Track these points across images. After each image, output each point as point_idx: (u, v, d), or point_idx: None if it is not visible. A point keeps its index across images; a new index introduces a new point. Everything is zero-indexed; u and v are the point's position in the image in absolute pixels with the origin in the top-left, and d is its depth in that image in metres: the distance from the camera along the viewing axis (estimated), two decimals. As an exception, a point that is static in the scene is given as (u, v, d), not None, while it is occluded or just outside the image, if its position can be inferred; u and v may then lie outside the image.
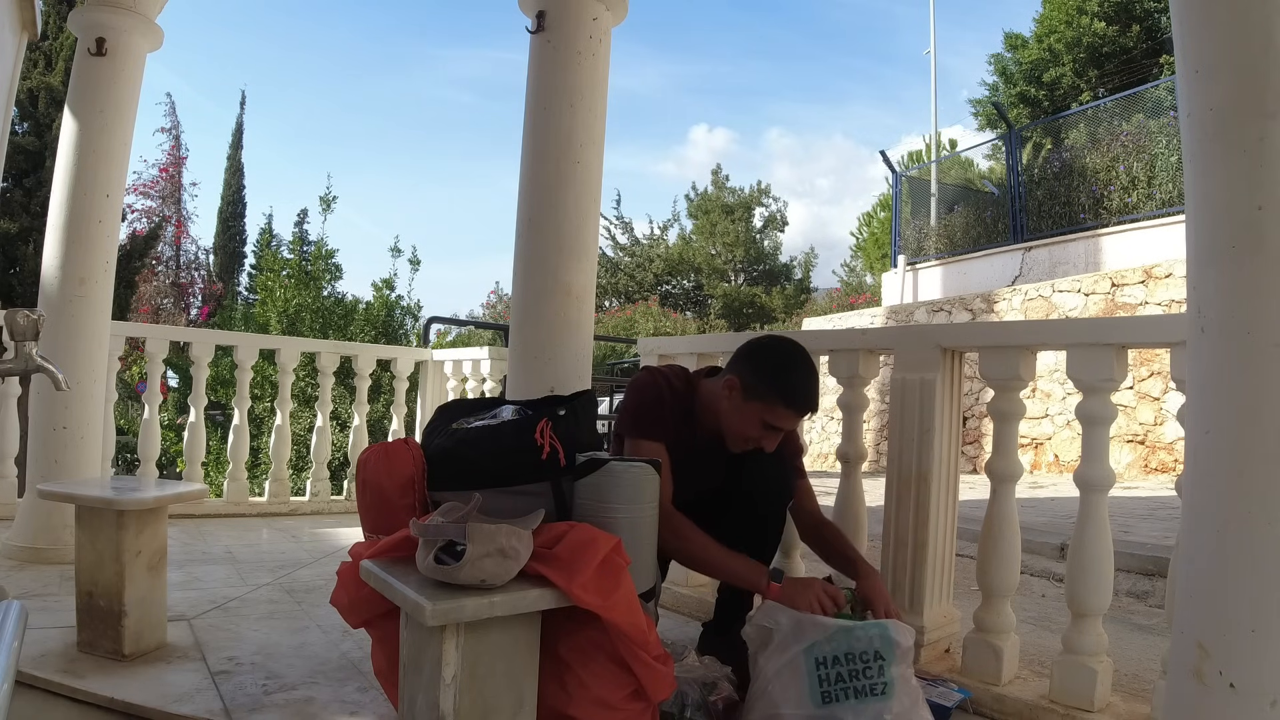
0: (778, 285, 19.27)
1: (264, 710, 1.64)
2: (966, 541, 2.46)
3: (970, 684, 1.81)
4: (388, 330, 9.16)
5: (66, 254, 2.85)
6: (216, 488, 4.68)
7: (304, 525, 3.86)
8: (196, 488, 2.14)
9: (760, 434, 1.79)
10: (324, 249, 9.59)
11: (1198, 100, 1.07)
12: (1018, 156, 9.61)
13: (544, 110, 2.40)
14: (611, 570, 1.36)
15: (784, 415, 1.78)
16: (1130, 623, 2.69)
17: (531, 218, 2.39)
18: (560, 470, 1.56)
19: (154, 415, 3.82)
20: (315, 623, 2.24)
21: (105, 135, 2.90)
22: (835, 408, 2.33)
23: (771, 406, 1.76)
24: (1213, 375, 1.06)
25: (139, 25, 2.96)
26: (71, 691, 1.68)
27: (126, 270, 10.71)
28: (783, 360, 1.80)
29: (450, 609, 1.21)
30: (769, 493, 1.88)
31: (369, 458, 1.61)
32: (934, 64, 13.75)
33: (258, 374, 5.38)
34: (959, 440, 2.08)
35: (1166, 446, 6.10)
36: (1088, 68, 13.36)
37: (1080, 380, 1.75)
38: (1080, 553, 1.72)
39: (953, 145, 15.83)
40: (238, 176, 20.25)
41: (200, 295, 18.30)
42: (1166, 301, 6.22)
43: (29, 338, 1.48)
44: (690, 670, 1.63)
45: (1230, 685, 1.01)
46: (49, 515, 2.74)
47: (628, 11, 2.56)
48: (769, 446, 1.81)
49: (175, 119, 18.81)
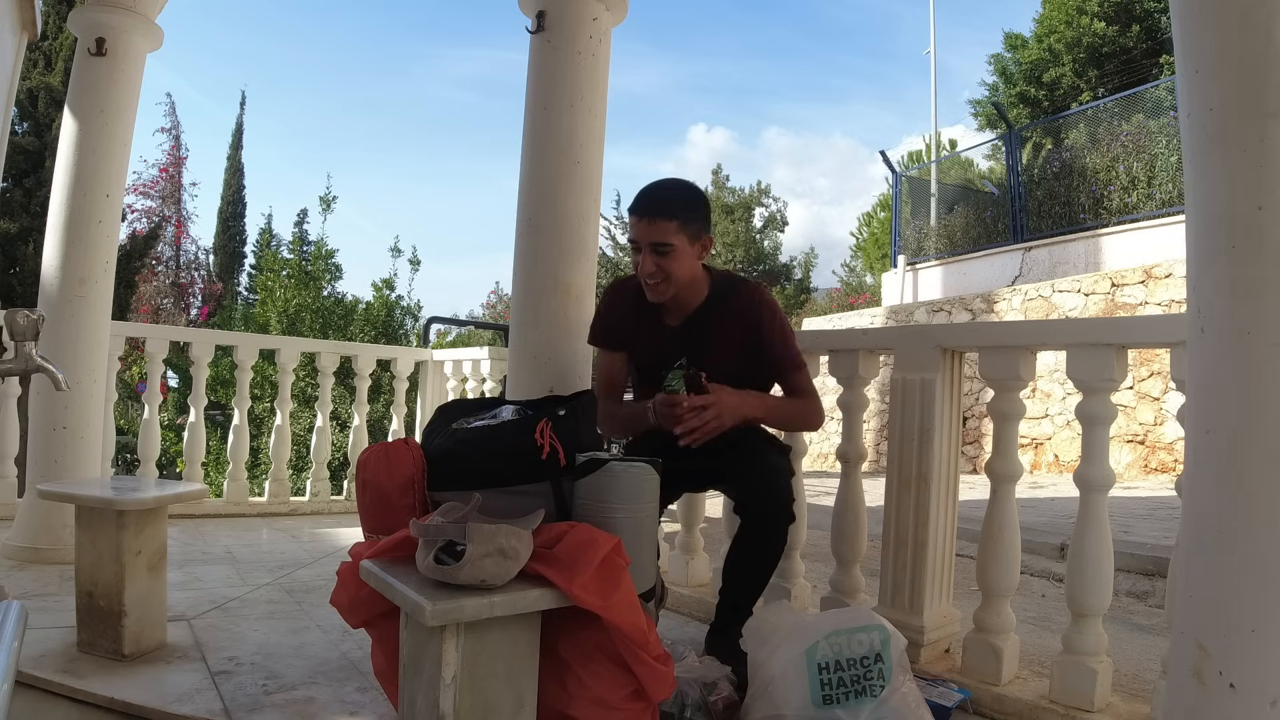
0: (778, 285, 19.26)
1: (264, 710, 1.64)
2: (966, 541, 2.46)
3: (970, 684, 1.81)
4: (388, 330, 9.17)
5: (66, 254, 2.84)
6: (216, 488, 4.68)
7: (304, 525, 3.86)
8: (196, 488, 2.14)
9: (638, 263, 1.85)
10: (324, 249, 9.60)
11: (1198, 100, 1.07)
12: (1018, 156, 9.61)
13: (544, 110, 2.40)
14: (611, 570, 1.36)
15: (631, 225, 1.85)
16: (1130, 623, 2.69)
17: (531, 218, 2.39)
18: (560, 470, 1.56)
19: (154, 415, 3.82)
20: (315, 623, 2.24)
21: (105, 135, 2.90)
22: (835, 408, 2.33)
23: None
24: (1213, 375, 1.06)
25: (139, 25, 2.96)
26: (71, 691, 1.68)
27: (126, 270, 10.69)
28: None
29: (450, 609, 1.21)
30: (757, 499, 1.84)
31: (369, 458, 1.61)
32: (934, 64, 13.76)
33: (258, 374, 5.38)
34: (959, 440, 2.08)
35: (1166, 446, 6.10)
36: (1088, 68, 13.35)
37: (1080, 380, 1.75)
38: (1080, 553, 1.72)
39: (953, 145, 15.83)
40: (238, 176, 20.24)
41: (200, 295, 18.29)
42: (1166, 301, 6.22)
43: (29, 338, 1.48)
44: (690, 670, 1.63)
45: (1230, 685, 1.01)
46: (49, 515, 2.74)
47: (628, 11, 2.56)
48: (644, 270, 1.84)
49: (175, 119, 18.81)
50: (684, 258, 1.84)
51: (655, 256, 1.82)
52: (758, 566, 1.89)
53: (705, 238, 1.87)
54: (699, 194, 1.91)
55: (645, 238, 1.82)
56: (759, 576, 1.91)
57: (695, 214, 1.85)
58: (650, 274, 1.84)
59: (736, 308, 1.92)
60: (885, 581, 2.04)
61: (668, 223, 1.80)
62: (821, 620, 1.57)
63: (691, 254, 1.85)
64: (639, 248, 1.84)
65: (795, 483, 2.32)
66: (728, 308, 1.93)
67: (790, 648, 1.52)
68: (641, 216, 1.83)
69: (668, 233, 1.80)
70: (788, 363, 1.94)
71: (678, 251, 1.82)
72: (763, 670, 1.55)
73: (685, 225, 1.82)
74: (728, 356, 1.90)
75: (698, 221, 1.85)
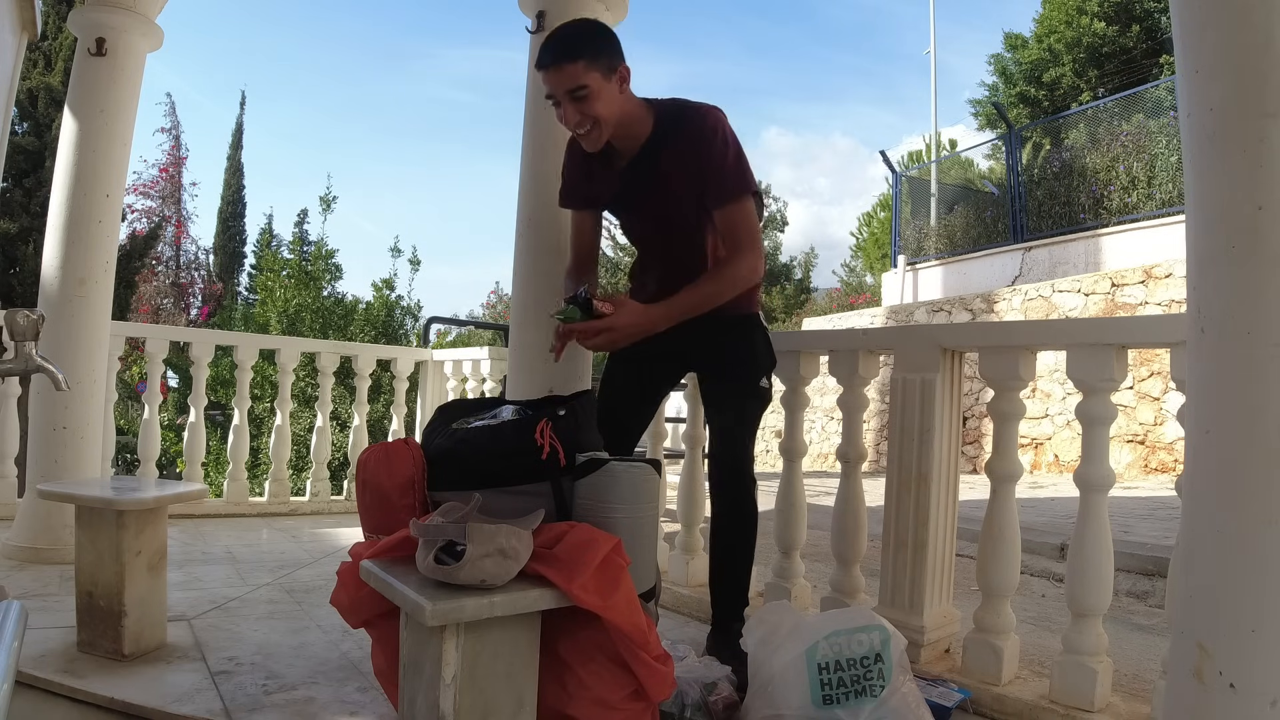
0: (778, 285, 19.26)
1: (264, 710, 1.64)
2: (966, 541, 2.47)
3: (970, 684, 1.81)
4: (388, 330, 9.17)
5: (66, 254, 2.84)
6: (216, 488, 4.68)
7: (304, 525, 3.86)
8: (196, 488, 2.14)
9: (562, 117, 1.78)
10: (324, 249, 9.60)
11: (1198, 100, 1.07)
12: (1018, 156, 9.62)
13: (544, 110, 2.39)
14: (611, 570, 1.35)
15: (543, 81, 1.76)
16: (1130, 623, 2.69)
17: (531, 217, 2.39)
18: (560, 470, 1.56)
19: (154, 415, 3.82)
20: (315, 623, 2.24)
21: (105, 135, 2.90)
22: (835, 408, 2.33)
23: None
24: (1213, 375, 1.06)
25: (139, 25, 2.96)
26: (71, 691, 1.68)
27: (126, 270, 10.71)
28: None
29: (450, 609, 1.21)
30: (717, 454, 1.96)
31: (369, 458, 1.61)
32: (934, 63, 13.77)
33: (258, 374, 5.38)
34: (959, 440, 2.08)
35: (1166, 446, 6.10)
36: (1088, 68, 13.36)
37: (1080, 380, 1.75)
38: (1080, 553, 1.72)
39: (953, 145, 15.83)
40: (238, 176, 20.26)
41: (200, 295, 18.30)
42: (1166, 301, 6.22)
43: (29, 338, 1.48)
44: (690, 670, 1.63)
45: (1230, 685, 1.01)
46: (49, 515, 2.73)
47: (628, 11, 2.56)
48: (569, 121, 1.76)
49: (175, 119, 18.86)
50: (604, 95, 1.73)
51: (575, 104, 1.72)
52: (737, 534, 1.94)
53: (621, 68, 1.76)
54: (599, 26, 1.81)
55: (559, 87, 1.72)
56: (739, 544, 1.96)
57: (601, 47, 1.74)
58: (577, 123, 1.75)
59: (686, 135, 1.80)
60: (885, 581, 2.04)
61: (573, 65, 1.69)
62: (821, 620, 1.57)
63: (611, 88, 1.74)
64: (558, 102, 1.75)
65: (796, 480, 2.33)
66: (678, 137, 1.81)
67: (790, 648, 1.52)
68: (548, 67, 1.72)
69: (577, 75, 1.70)
70: (720, 190, 1.79)
71: (594, 90, 1.71)
72: (763, 670, 1.55)
73: (593, 61, 1.71)
74: (681, 189, 1.83)
75: (607, 54, 1.74)
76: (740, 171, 1.80)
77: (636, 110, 1.82)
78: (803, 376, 2.33)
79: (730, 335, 1.94)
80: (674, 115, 1.83)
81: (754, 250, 1.80)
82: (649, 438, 2.68)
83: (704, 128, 1.79)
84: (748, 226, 1.80)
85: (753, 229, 1.81)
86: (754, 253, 1.80)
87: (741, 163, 1.80)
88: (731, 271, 1.79)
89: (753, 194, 1.83)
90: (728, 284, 1.78)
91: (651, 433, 2.68)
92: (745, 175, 1.81)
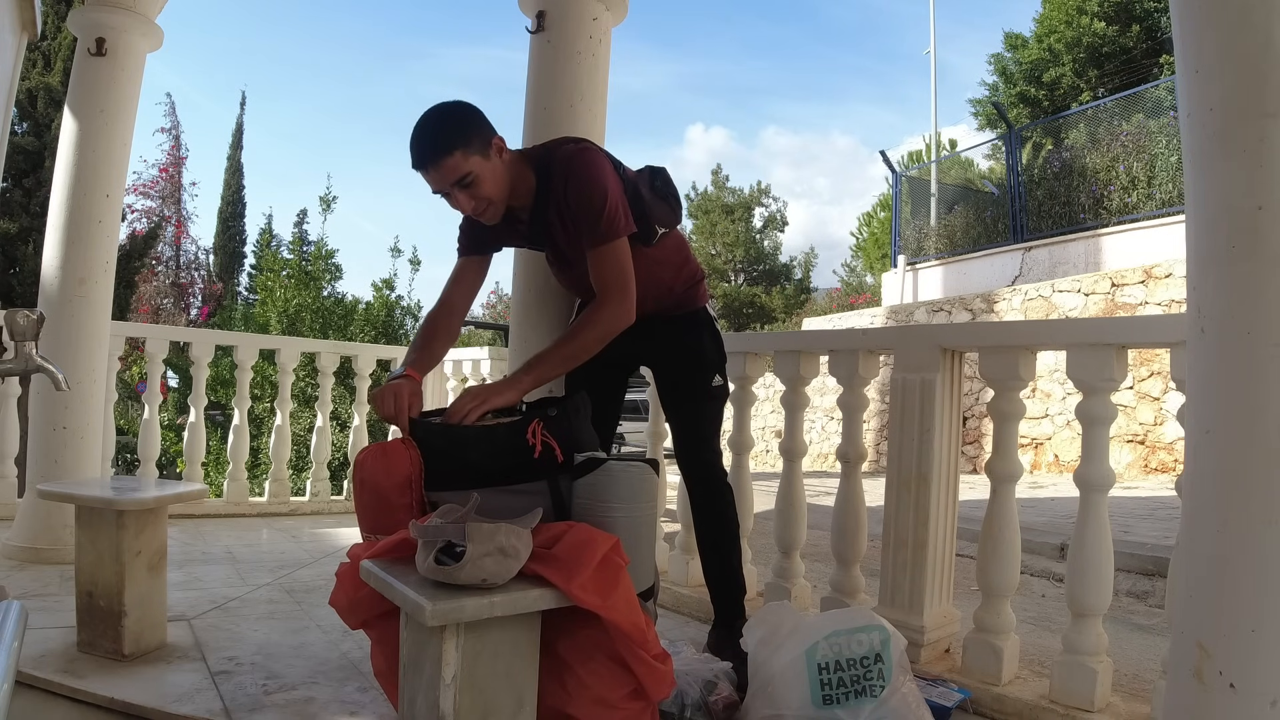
0: (778, 285, 19.28)
1: (264, 710, 1.64)
2: (966, 541, 2.46)
3: (970, 684, 1.81)
4: (388, 330, 9.17)
5: (66, 254, 2.84)
6: (216, 488, 4.68)
7: (304, 525, 3.86)
8: (196, 488, 2.14)
9: (451, 203, 1.75)
10: (324, 249, 9.59)
11: (1198, 100, 1.07)
12: (1018, 156, 9.62)
13: (544, 110, 2.39)
14: (610, 570, 1.36)
15: (426, 180, 1.71)
16: (1130, 623, 2.69)
17: (531, 218, 2.39)
18: (557, 469, 1.56)
19: (154, 415, 3.82)
20: (315, 623, 2.24)
21: (105, 135, 2.90)
22: (835, 408, 2.33)
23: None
24: (1213, 375, 1.06)
25: (139, 25, 2.96)
26: (71, 691, 1.68)
27: (126, 270, 10.71)
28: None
29: (450, 609, 1.21)
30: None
31: (366, 457, 1.61)
32: (934, 63, 13.77)
33: (258, 374, 5.37)
34: (959, 440, 2.08)
35: (1166, 446, 6.10)
36: (1088, 68, 13.37)
37: (1080, 380, 1.75)
38: (1080, 553, 1.72)
39: (953, 145, 15.84)
40: (238, 176, 20.26)
41: (200, 295, 18.31)
42: (1166, 301, 6.22)
43: (29, 338, 1.48)
44: (690, 669, 1.63)
45: (1230, 685, 1.01)
46: (49, 515, 2.74)
47: (628, 11, 2.56)
48: (465, 210, 1.75)
49: (175, 119, 18.87)
50: (489, 175, 1.70)
51: (464, 192, 1.69)
52: (717, 530, 2.01)
53: (495, 140, 1.71)
54: (461, 109, 1.73)
55: (443, 183, 1.69)
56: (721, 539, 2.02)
57: (471, 130, 1.69)
58: (472, 209, 1.73)
59: (554, 187, 1.77)
60: (885, 581, 2.04)
61: (450, 159, 1.65)
62: (821, 620, 1.57)
63: (494, 165, 1.71)
64: (447, 193, 1.72)
65: (795, 480, 2.33)
66: (551, 190, 1.78)
67: (790, 648, 1.52)
68: (426, 167, 1.68)
69: (458, 166, 1.66)
70: (589, 235, 1.73)
71: (479, 175, 1.68)
72: (763, 670, 1.55)
73: (468, 147, 1.66)
74: (573, 232, 1.79)
75: (478, 134, 1.70)
76: (608, 215, 1.72)
77: (520, 172, 1.79)
78: (803, 376, 2.33)
79: (680, 336, 1.96)
80: (545, 167, 1.79)
81: (620, 297, 1.74)
82: (648, 437, 2.68)
83: (569, 175, 1.75)
84: (615, 271, 1.74)
85: (620, 273, 1.74)
86: (620, 299, 1.74)
87: (610, 205, 1.72)
88: (594, 320, 1.74)
89: (626, 235, 1.76)
90: (592, 338, 1.73)
91: (651, 433, 2.68)
92: (614, 219, 1.73)
